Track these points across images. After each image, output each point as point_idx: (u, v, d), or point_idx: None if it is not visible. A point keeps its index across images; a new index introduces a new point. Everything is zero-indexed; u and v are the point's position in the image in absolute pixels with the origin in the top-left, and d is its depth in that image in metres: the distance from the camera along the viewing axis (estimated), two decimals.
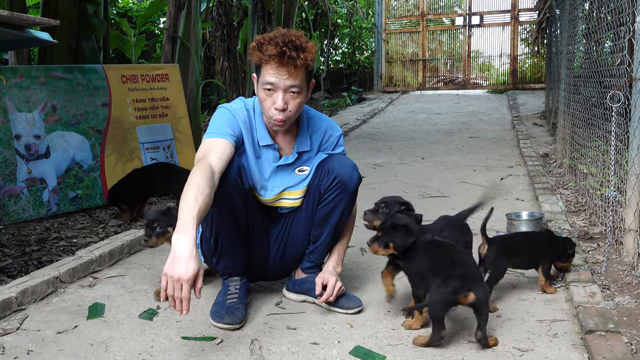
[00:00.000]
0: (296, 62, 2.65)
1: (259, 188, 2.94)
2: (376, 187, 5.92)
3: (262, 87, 2.72)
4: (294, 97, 2.73)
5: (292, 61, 2.64)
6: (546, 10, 10.47)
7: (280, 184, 2.95)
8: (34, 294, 3.08)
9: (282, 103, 2.69)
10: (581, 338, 2.59)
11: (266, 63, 2.68)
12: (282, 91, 2.69)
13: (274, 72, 2.67)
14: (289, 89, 2.69)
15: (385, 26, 18.02)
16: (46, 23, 4.02)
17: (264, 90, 2.72)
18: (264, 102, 2.74)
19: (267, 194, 2.95)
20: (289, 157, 2.93)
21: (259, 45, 2.69)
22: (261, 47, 2.68)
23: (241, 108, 2.88)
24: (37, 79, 4.77)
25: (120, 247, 3.82)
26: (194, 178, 2.47)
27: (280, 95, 2.69)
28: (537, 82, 16.32)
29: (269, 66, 2.68)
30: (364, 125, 11.53)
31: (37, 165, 4.66)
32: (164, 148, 5.58)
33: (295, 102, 2.74)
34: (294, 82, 2.69)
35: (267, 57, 2.66)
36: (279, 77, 2.67)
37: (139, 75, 5.55)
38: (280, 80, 2.67)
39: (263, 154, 2.91)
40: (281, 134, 2.92)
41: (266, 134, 2.88)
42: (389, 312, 2.94)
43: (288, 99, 2.71)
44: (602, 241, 3.83)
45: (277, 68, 2.66)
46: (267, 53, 2.65)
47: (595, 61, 4.90)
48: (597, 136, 4.60)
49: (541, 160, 6.89)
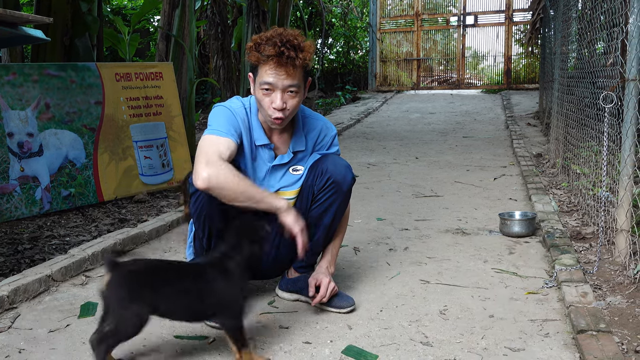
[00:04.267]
0: (295, 62, 2.64)
1: None
2: (370, 187, 5.93)
3: (259, 87, 2.71)
4: (292, 97, 2.72)
5: (290, 61, 2.63)
6: (540, 10, 10.49)
7: (275, 184, 2.94)
8: (26, 292, 3.08)
9: (280, 103, 2.68)
10: (573, 338, 2.60)
11: (264, 63, 2.67)
12: (281, 91, 2.68)
13: (272, 72, 2.66)
14: (287, 88, 2.69)
15: (380, 26, 18.02)
16: (39, 20, 4.01)
17: (262, 90, 2.70)
18: (262, 102, 2.73)
19: None
20: (284, 157, 2.93)
21: (256, 45, 2.68)
22: (259, 47, 2.66)
23: (239, 107, 2.87)
24: (30, 77, 4.75)
25: (113, 246, 3.82)
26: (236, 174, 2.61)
27: (279, 95, 2.68)
28: (530, 83, 16.35)
29: (267, 66, 2.66)
30: (358, 124, 11.54)
31: (29, 163, 4.65)
32: (157, 146, 5.57)
33: (294, 101, 2.73)
34: (292, 81, 2.68)
35: (265, 58, 2.64)
36: (277, 77, 2.66)
37: (133, 73, 5.54)
38: (278, 80, 2.66)
39: (259, 153, 2.91)
40: (277, 133, 2.92)
41: (262, 134, 2.88)
42: (381, 311, 2.95)
43: (286, 98, 2.71)
44: (594, 241, 3.84)
45: (275, 68, 2.65)
46: (265, 53, 2.64)
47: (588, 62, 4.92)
48: (590, 136, 4.62)
49: (534, 160, 6.91)
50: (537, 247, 3.94)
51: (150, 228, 4.25)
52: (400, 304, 3.03)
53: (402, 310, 2.95)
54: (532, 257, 3.75)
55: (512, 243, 4.04)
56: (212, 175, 2.53)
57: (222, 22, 12.02)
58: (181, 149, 5.75)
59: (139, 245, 4.07)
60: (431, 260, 3.71)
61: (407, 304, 3.03)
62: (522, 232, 4.15)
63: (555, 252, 3.60)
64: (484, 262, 3.66)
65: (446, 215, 4.80)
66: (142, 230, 4.16)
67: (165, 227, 4.41)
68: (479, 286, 3.26)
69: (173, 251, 3.98)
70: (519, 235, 4.15)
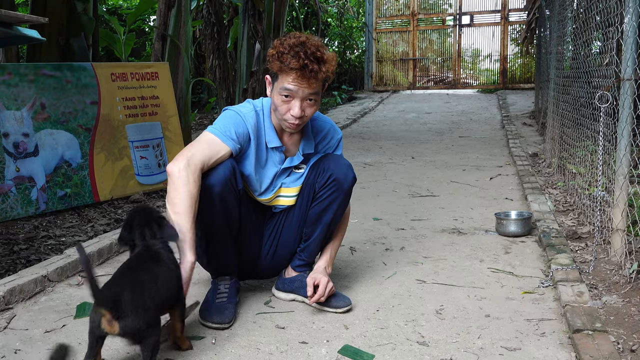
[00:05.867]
0: (317, 75, 2.65)
1: (260, 190, 2.93)
2: (366, 187, 5.93)
3: (279, 92, 2.70)
4: (310, 105, 2.73)
5: (314, 75, 2.63)
6: (536, 10, 10.51)
7: (278, 181, 2.96)
8: (22, 292, 3.07)
9: (299, 111, 2.69)
10: (569, 337, 2.60)
11: (286, 74, 2.67)
12: (300, 99, 2.69)
13: (294, 82, 2.65)
14: (307, 97, 2.70)
15: (376, 25, 18.04)
16: (35, 20, 4.00)
17: (281, 96, 2.70)
18: (280, 107, 2.73)
19: (267, 195, 2.96)
20: (294, 159, 2.94)
21: (279, 54, 2.66)
22: (282, 57, 2.65)
23: (250, 111, 2.86)
24: (25, 77, 4.73)
25: (109, 246, 3.81)
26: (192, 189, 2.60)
27: (298, 103, 2.69)
28: (526, 82, 16.38)
29: (289, 77, 2.66)
30: (354, 124, 11.54)
31: (25, 164, 4.63)
32: (153, 146, 5.56)
33: (312, 109, 2.75)
34: (313, 91, 2.69)
35: (288, 69, 2.64)
36: (299, 87, 2.66)
37: (129, 73, 5.52)
38: (299, 89, 2.66)
39: (270, 156, 2.91)
40: (288, 135, 2.92)
41: (274, 136, 2.88)
42: (377, 311, 2.95)
43: (305, 106, 2.71)
44: (590, 241, 3.85)
45: (298, 79, 2.65)
46: (288, 65, 2.62)
47: (583, 62, 4.93)
48: (586, 136, 4.63)
49: (530, 160, 6.92)
50: (533, 247, 3.95)
51: None
52: (396, 304, 3.03)
53: (398, 310, 2.95)
54: (528, 256, 3.76)
55: (508, 243, 4.05)
56: (181, 178, 2.59)
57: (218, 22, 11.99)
58: (177, 149, 5.73)
59: None
60: (427, 260, 3.71)
61: (404, 304, 3.03)
62: (518, 231, 4.16)
63: (551, 251, 3.61)
64: (480, 262, 3.66)
65: (442, 214, 4.80)
66: None
67: None
68: (475, 286, 3.27)
69: None
70: (515, 234, 4.16)
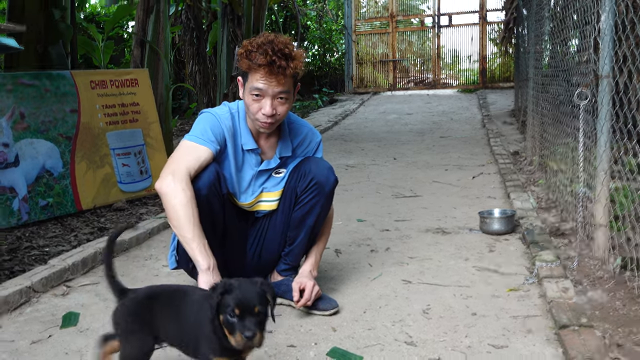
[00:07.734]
0: (285, 71, 2.66)
1: (239, 193, 2.94)
2: (349, 189, 5.93)
3: (249, 92, 2.72)
4: (281, 103, 2.74)
5: (281, 70, 2.65)
6: (513, 10, 10.59)
7: (258, 186, 2.96)
8: (7, 304, 3.04)
9: (270, 109, 2.71)
10: (555, 333, 2.62)
11: (255, 71, 2.68)
12: (270, 97, 2.70)
13: (263, 79, 2.67)
14: (277, 95, 2.71)
15: (355, 28, 18.07)
16: (12, 29, 3.97)
17: (252, 96, 2.72)
18: (251, 107, 2.74)
19: (247, 199, 2.96)
20: (271, 162, 2.95)
21: (247, 53, 2.69)
22: (250, 55, 2.67)
23: (226, 113, 2.87)
24: (4, 87, 4.69)
25: (94, 255, 3.78)
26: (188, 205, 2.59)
27: (269, 101, 2.70)
28: (506, 81, 16.47)
29: (258, 74, 2.68)
30: (335, 126, 11.55)
31: (6, 174, 4.58)
32: (135, 154, 5.53)
33: (284, 107, 2.76)
34: (283, 88, 2.70)
35: (256, 66, 2.66)
36: (268, 84, 2.68)
37: (108, 80, 5.49)
38: (269, 87, 2.68)
39: (246, 158, 2.91)
40: (264, 138, 2.93)
41: (250, 138, 2.89)
42: (365, 312, 2.95)
43: (276, 104, 2.73)
44: (573, 237, 3.88)
45: (266, 76, 2.67)
46: (256, 62, 2.65)
47: (562, 60, 4.97)
48: (566, 133, 4.66)
49: (512, 158, 6.97)
50: (517, 244, 3.97)
51: (130, 236, 4.21)
52: (383, 305, 3.04)
53: (385, 311, 2.96)
54: (513, 254, 3.79)
55: (492, 241, 4.07)
56: (169, 193, 2.60)
57: (197, 27, 11.96)
58: (159, 155, 5.70)
59: (119, 254, 4.03)
60: (413, 260, 3.72)
61: (390, 305, 3.04)
62: (502, 229, 4.18)
63: (535, 248, 3.64)
64: (465, 261, 3.69)
65: (426, 215, 4.82)
66: (122, 239, 4.12)
67: (146, 234, 4.38)
68: (460, 284, 3.28)
69: (154, 259, 3.95)
70: (498, 232, 4.18)
